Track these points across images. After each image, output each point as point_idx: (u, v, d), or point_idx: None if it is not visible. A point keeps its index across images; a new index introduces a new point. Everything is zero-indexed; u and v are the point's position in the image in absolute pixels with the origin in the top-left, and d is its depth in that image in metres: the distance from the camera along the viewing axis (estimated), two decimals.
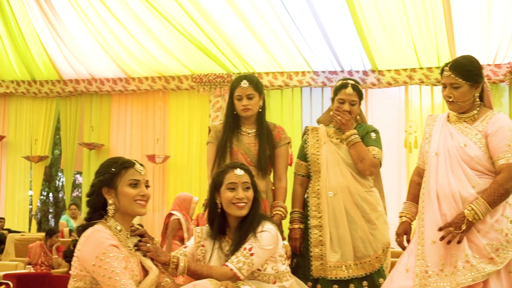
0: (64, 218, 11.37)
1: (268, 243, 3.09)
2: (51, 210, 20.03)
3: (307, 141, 4.04)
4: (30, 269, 7.95)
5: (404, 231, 3.46)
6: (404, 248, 3.44)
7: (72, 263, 2.72)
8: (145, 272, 2.78)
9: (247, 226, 3.13)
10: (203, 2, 9.88)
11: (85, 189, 12.93)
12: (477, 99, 3.24)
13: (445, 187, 3.16)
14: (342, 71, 11.01)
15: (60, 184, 19.59)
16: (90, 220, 2.77)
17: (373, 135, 3.92)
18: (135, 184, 2.75)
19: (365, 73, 10.92)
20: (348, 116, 3.88)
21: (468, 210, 3.05)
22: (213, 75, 11.58)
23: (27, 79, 12.89)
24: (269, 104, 11.42)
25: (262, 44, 10.59)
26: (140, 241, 2.86)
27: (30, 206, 14.55)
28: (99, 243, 2.59)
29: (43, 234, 10.00)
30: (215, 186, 3.22)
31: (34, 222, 14.00)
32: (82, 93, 12.73)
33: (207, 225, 3.30)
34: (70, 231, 10.77)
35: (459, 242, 3.04)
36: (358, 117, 4.04)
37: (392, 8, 9.29)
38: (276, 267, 3.17)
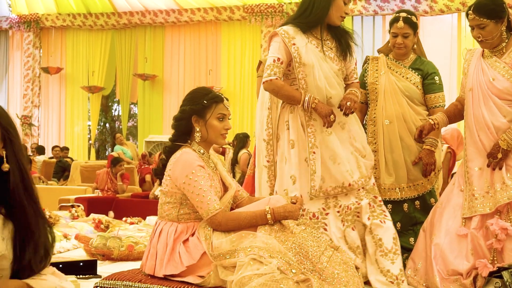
0: (119, 148, 11.78)
1: None
2: (108, 140, 20.68)
3: (367, 70, 4.13)
4: (98, 194, 8.43)
5: (422, 127, 3.59)
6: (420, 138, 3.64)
7: (163, 181, 3.02)
8: (225, 188, 3.08)
9: None
10: None
11: (141, 118, 13.39)
12: (504, 32, 3.39)
13: (480, 120, 3.40)
14: None
15: (116, 114, 20.18)
16: (175, 142, 3.04)
17: (436, 79, 3.96)
18: (222, 118, 3.01)
19: (417, 0, 10.84)
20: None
21: (502, 140, 3.29)
22: (265, 5, 11.64)
23: (83, 12, 13.20)
24: None
25: None
26: None
27: (89, 136, 15.12)
28: (188, 163, 2.87)
29: (105, 162, 10.43)
30: None
31: (93, 151, 14.63)
32: (136, 25, 13.01)
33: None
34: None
35: (500, 168, 3.32)
36: (415, 46, 4.08)
37: None
38: None
